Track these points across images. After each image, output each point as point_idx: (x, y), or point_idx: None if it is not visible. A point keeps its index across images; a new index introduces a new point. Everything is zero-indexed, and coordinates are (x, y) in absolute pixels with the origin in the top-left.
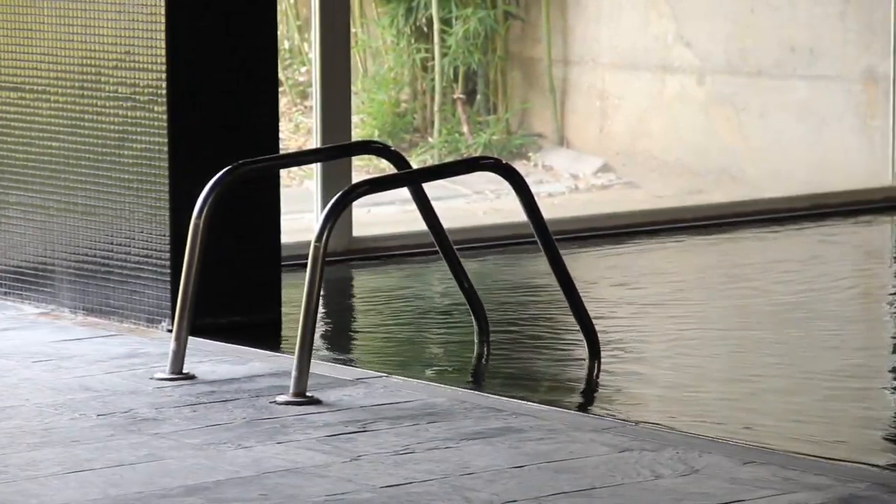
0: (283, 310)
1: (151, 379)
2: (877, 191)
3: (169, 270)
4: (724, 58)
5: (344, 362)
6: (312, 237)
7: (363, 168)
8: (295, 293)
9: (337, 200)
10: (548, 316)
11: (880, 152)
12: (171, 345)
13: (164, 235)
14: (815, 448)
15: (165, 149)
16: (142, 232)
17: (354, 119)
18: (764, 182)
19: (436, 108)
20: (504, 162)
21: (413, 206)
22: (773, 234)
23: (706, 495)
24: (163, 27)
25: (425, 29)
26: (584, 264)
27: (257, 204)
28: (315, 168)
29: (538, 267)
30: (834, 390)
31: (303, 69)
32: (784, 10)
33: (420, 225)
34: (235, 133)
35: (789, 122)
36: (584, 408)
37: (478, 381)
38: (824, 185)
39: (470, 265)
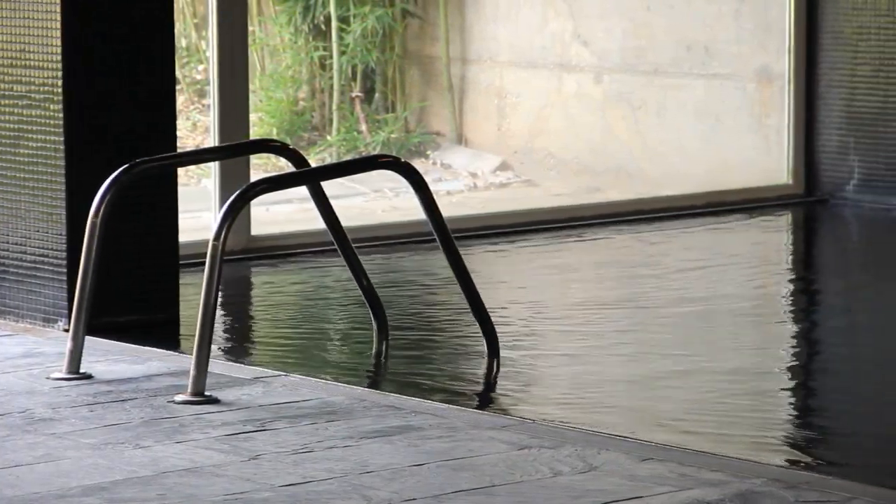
0: (182, 309)
1: (48, 379)
2: (772, 188)
3: (65, 270)
4: (620, 56)
5: (242, 361)
6: (210, 236)
7: (261, 167)
8: (193, 292)
9: (235, 199)
10: (447, 314)
11: (776, 150)
12: (68, 344)
13: (61, 235)
14: (712, 445)
15: (61, 147)
16: (38, 231)
17: (252, 117)
18: (661, 180)
19: (334, 106)
20: (403, 160)
21: (312, 205)
22: (671, 232)
23: (604, 492)
24: (58, 24)
25: (323, 27)
26: (482, 262)
27: (155, 203)
28: (213, 167)
29: (437, 265)
30: (731, 388)
31: (200, 67)
32: (679, 8)
33: (319, 223)
34: (132, 131)
35: (686, 120)
36: (483, 406)
37: (377, 379)
38: (721, 184)
39: (369, 263)
